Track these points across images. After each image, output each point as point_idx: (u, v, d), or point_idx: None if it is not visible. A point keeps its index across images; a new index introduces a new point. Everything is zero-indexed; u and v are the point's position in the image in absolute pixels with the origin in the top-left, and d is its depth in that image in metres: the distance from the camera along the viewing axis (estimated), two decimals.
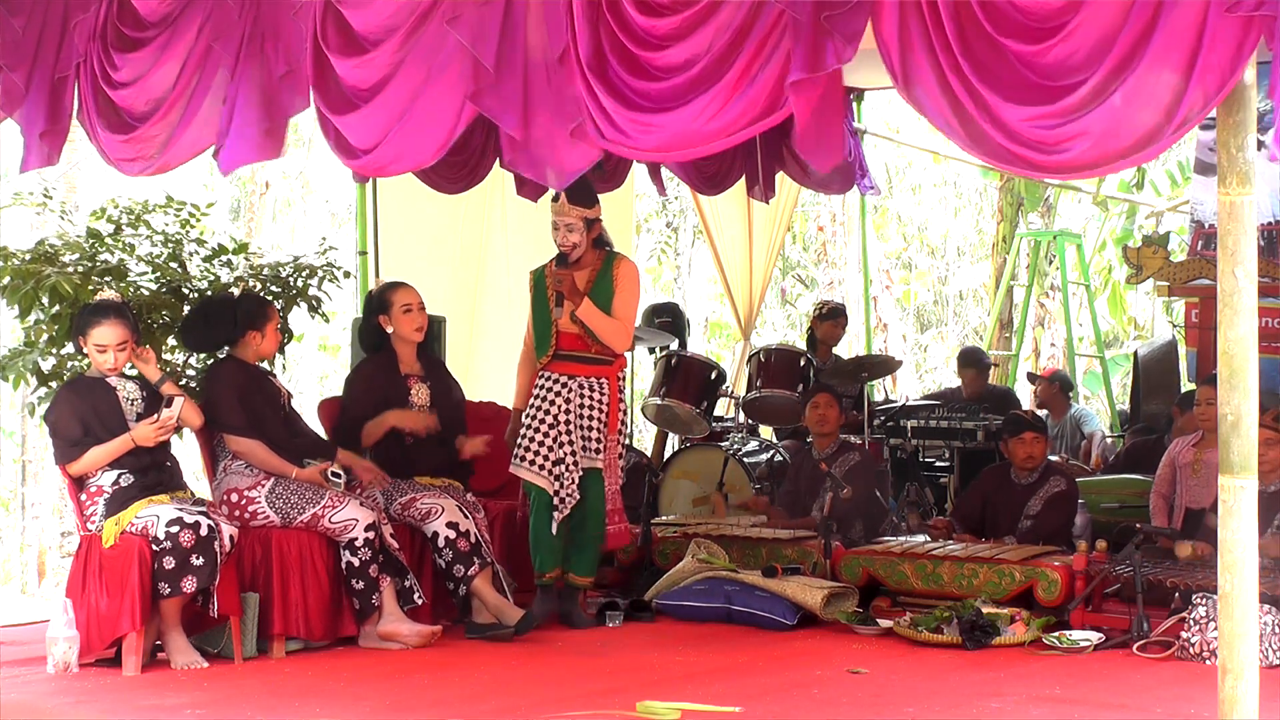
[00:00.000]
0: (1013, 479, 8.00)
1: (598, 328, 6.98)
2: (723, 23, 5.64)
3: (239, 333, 6.74)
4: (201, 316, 6.88)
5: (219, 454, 6.72)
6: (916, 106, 5.41)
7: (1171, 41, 4.83)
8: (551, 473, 6.98)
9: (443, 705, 5.61)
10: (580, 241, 7.03)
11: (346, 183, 10.58)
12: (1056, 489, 7.88)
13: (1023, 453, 7.94)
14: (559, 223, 7.02)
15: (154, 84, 6.68)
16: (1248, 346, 4.67)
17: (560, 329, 7.04)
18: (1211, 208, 9.52)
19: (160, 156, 6.72)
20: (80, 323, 6.40)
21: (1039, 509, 7.83)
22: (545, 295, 7.12)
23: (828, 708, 5.52)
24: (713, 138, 5.74)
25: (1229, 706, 4.63)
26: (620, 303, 7.06)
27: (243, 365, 6.76)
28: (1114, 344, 17.43)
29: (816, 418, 8.46)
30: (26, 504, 15.05)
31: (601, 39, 5.87)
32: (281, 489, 6.60)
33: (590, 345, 7.04)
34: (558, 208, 7.03)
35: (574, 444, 6.98)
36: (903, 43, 5.33)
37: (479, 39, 5.98)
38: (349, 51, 6.28)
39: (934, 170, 19.27)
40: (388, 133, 6.23)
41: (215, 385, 6.70)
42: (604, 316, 6.99)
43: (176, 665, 6.17)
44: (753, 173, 9.28)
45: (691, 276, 18.93)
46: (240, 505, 6.57)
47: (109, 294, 6.58)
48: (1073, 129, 5.04)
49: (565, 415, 7.00)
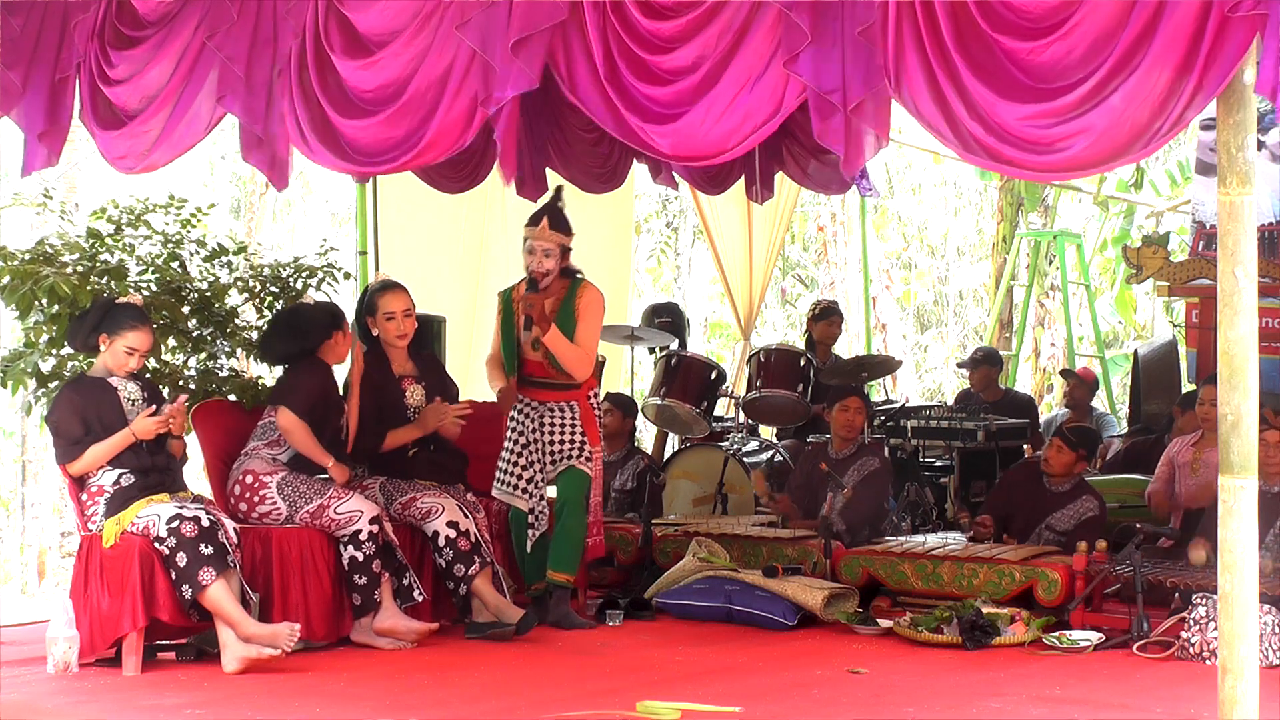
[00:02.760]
0: (1044, 483, 7.87)
1: (561, 354, 7.01)
2: (725, 24, 5.66)
3: (327, 335, 6.82)
4: (288, 327, 6.91)
5: (252, 436, 6.74)
6: (906, 106, 5.43)
7: (1172, 41, 4.84)
8: (525, 490, 7.09)
9: (443, 705, 5.62)
10: (554, 269, 7.07)
11: (346, 183, 10.59)
12: (1090, 514, 7.69)
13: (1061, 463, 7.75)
14: (537, 247, 7.05)
15: (148, 81, 6.69)
16: (1248, 346, 4.67)
17: (525, 356, 7.10)
18: (1212, 208, 9.52)
19: (150, 153, 6.73)
20: (111, 322, 6.38)
21: (1070, 528, 7.66)
22: (513, 317, 7.16)
23: (828, 708, 5.52)
24: (723, 143, 5.77)
25: (1229, 706, 4.64)
26: (583, 331, 7.08)
27: (328, 370, 6.83)
28: (1114, 344, 17.42)
29: (845, 421, 8.36)
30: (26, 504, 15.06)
31: (611, 46, 5.89)
32: (292, 480, 6.62)
33: (553, 372, 7.08)
34: (538, 231, 7.05)
35: (541, 463, 7.07)
36: (897, 44, 5.35)
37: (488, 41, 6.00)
38: (353, 53, 6.29)
39: (934, 170, 19.26)
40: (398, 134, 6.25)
41: (300, 373, 6.75)
42: (568, 344, 7.02)
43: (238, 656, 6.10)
44: (751, 173, 9.28)
45: (691, 276, 18.93)
46: (252, 487, 6.59)
47: (134, 296, 6.66)
48: (1070, 128, 5.06)
49: (535, 436, 7.08)
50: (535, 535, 7.10)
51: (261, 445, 6.71)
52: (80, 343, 6.50)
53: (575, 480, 7.10)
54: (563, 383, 7.10)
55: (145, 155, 6.74)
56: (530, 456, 7.09)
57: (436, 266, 9.28)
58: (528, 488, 7.09)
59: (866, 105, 5.46)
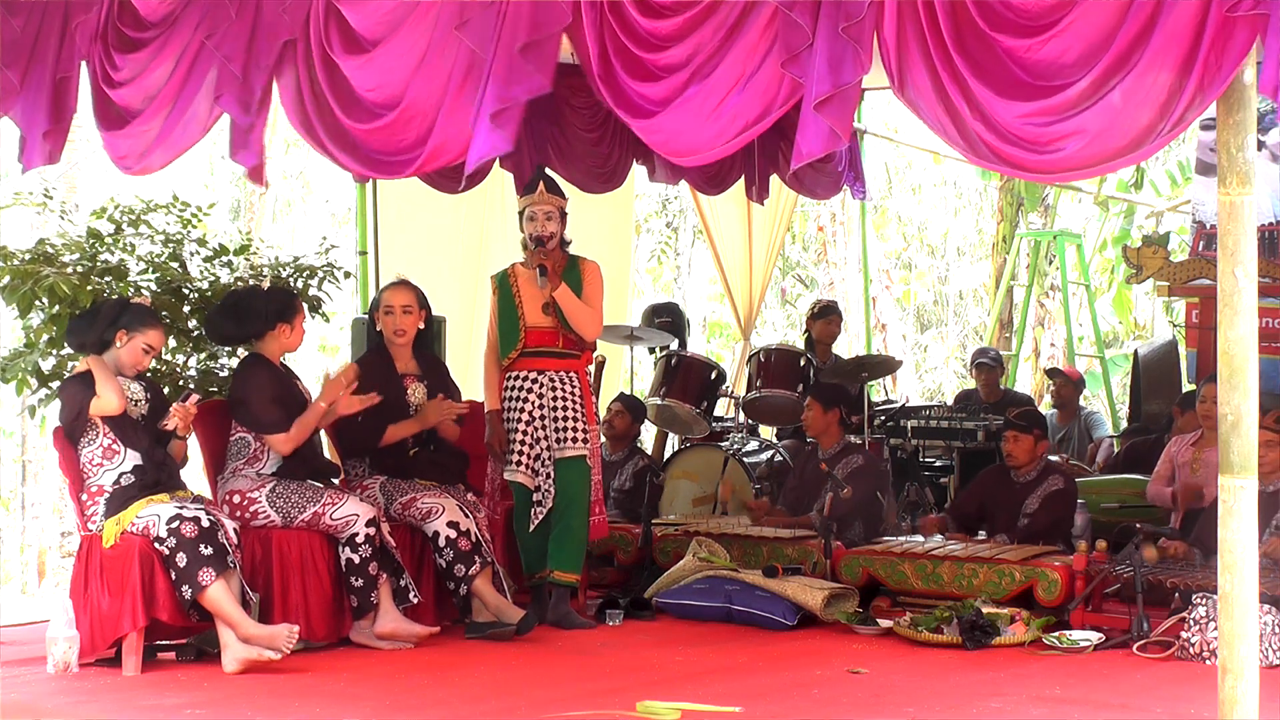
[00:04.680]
0: (1012, 478, 8.01)
1: (573, 311, 7.07)
2: (720, 20, 5.66)
3: (269, 325, 6.74)
4: (231, 309, 6.84)
5: (228, 457, 6.72)
6: (911, 107, 5.43)
7: (1170, 40, 4.84)
8: (531, 468, 7.09)
9: (443, 705, 5.62)
10: (557, 231, 7.14)
11: (346, 183, 10.59)
12: (1054, 487, 7.87)
13: (1021, 450, 7.91)
14: (538, 212, 7.13)
15: (150, 82, 6.69)
16: (1248, 346, 4.67)
17: (528, 325, 7.11)
18: (1212, 208, 9.52)
19: (150, 154, 6.73)
20: (132, 318, 6.38)
21: (1036, 506, 7.83)
22: (511, 294, 7.21)
23: (828, 708, 5.52)
24: (713, 142, 5.76)
25: (1229, 706, 4.63)
26: (589, 294, 7.18)
27: (271, 367, 6.76)
28: (1114, 344, 17.42)
29: (806, 419, 8.52)
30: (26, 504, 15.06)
31: (608, 45, 5.89)
32: (282, 489, 6.60)
33: (559, 339, 7.11)
34: (536, 197, 7.15)
35: (548, 438, 7.07)
36: (900, 43, 5.34)
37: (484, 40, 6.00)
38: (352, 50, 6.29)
39: (934, 170, 19.25)
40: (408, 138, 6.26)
41: (248, 386, 6.67)
42: (579, 302, 7.11)
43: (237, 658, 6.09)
44: (751, 173, 9.29)
45: (691, 276, 18.93)
46: (242, 506, 6.57)
47: (145, 298, 6.71)
48: (1066, 127, 5.05)
49: (539, 410, 7.09)
50: (540, 515, 7.08)
51: (241, 464, 6.67)
52: (95, 337, 6.41)
53: (577, 474, 7.10)
54: (567, 350, 7.16)
55: (143, 156, 6.74)
56: (537, 433, 7.09)
57: (436, 266, 9.27)
58: (534, 465, 7.09)
59: (833, 101, 5.43)
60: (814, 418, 8.39)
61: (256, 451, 6.65)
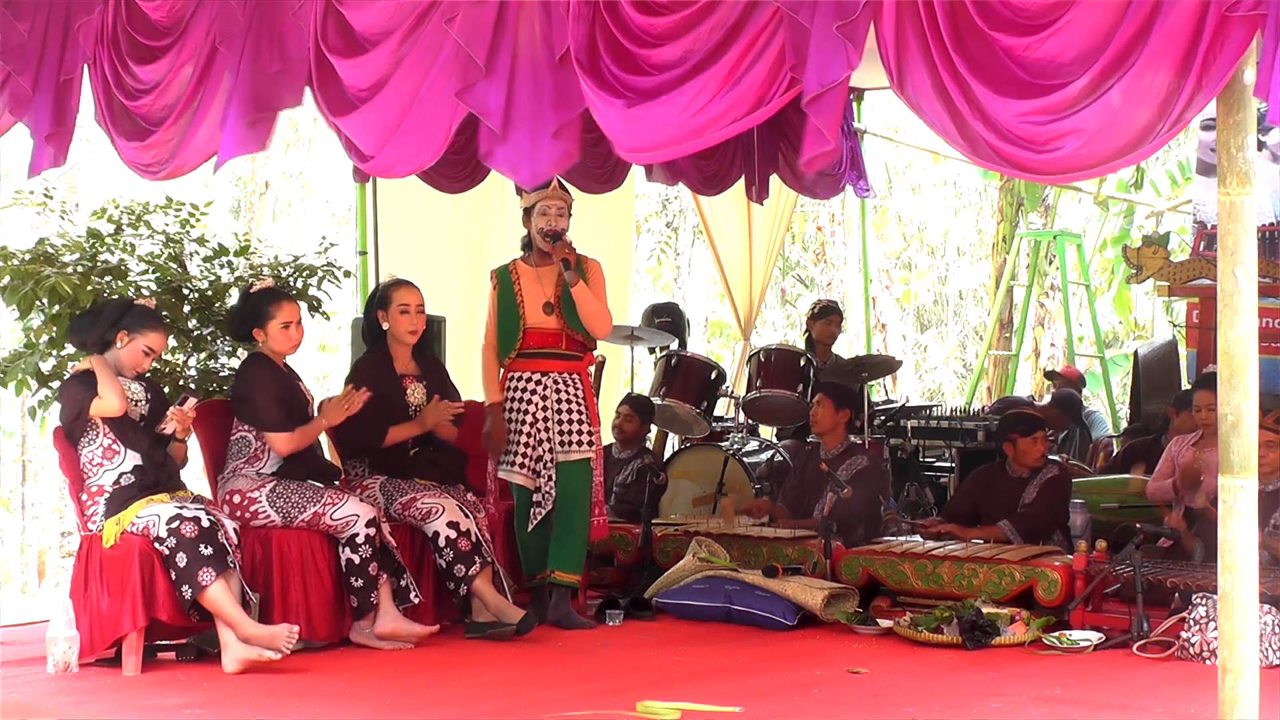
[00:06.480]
0: (1008, 471, 8.06)
1: (586, 307, 7.06)
2: (718, 20, 5.65)
3: (241, 335, 6.76)
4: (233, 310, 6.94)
5: (228, 456, 6.72)
6: (911, 107, 5.43)
7: (1169, 40, 4.84)
8: (532, 469, 7.08)
9: (443, 705, 5.62)
10: (568, 227, 7.15)
11: (346, 183, 10.60)
12: (1050, 475, 7.96)
13: (1036, 452, 7.98)
14: (550, 207, 7.12)
15: (168, 90, 6.69)
16: (1248, 346, 4.67)
17: (528, 325, 7.11)
18: (1213, 208, 9.52)
19: (174, 159, 6.72)
20: (134, 320, 6.38)
21: (1034, 495, 7.90)
22: (512, 291, 7.19)
23: (828, 708, 5.52)
24: (700, 131, 5.74)
25: (1229, 706, 4.64)
26: (597, 292, 7.17)
27: (273, 366, 6.74)
28: (1114, 344, 17.43)
29: (814, 416, 8.49)
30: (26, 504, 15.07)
31: (597, 37, 5.88)
32: (282, 489, 6.60)
33: (563, 340, 7.11)
34: (549, 192, 7.12)
35: (551, 440, 7.07)
36: (899, 42, 5.34)
37: (473, 36, 6.00)
38: (349, 52, 6.29)
39: (934, 170, 19.27)
40: (389, 134, 6.24)
41: (251, 383, 6.66)
42: (594, 298, 7.09)
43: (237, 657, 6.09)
44: (750, 173, 9.29)
45: (691, 276, 18.95)
46: (242, 506, 6.57)
47: (149, 300, 6.69)
48: (1064, 126, 5.05)
49: (543, 412, 7.08)
50: (539, 516, 7.09)
51: (241, 463, 6.67)
52: (96, 337, 6.40)
53: (580, 476, 7.10)
54: (569, 352, 7.16)
55: (169, 161, 6.73)
56: (540, 434, 7.09)
57: (436, 266, 9.28)
58: (535, 466, 7.09)
59: (825, 100, 5.43)
60: (824, 415, 8.37)
61: (257, 450, 6.66)
